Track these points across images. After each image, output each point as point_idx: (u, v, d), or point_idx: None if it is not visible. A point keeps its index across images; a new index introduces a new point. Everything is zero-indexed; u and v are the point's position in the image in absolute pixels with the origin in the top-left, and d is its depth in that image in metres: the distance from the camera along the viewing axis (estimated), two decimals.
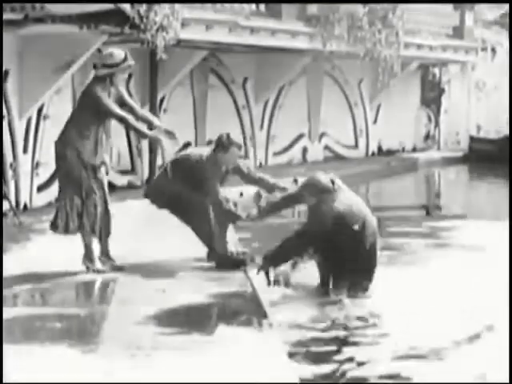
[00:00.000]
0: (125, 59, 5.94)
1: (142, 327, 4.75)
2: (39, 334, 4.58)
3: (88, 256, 6.04)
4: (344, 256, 5.40)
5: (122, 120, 5.96)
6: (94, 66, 6.04)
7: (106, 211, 6.02)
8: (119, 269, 6.05)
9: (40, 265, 6.22)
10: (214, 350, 4.31)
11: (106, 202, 6.02)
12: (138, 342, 4.44)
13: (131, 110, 6.05)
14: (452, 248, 7.75)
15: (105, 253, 6.09)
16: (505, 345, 4.48)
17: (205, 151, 6.38)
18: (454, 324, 5.10)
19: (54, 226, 6.08)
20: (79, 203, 5.94)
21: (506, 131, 17.32)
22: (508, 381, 4.04)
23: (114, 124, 6.17)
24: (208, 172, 6.19)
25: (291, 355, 4.38)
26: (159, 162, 11.46)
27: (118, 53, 5.97)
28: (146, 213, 8.96)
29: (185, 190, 6.22)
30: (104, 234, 6.02)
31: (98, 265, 6.03)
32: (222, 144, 6.26)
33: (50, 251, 6.73)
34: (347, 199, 5.50)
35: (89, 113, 5.91)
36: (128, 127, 6.17)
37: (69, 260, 6.34)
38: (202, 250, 6.49)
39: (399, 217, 9.57)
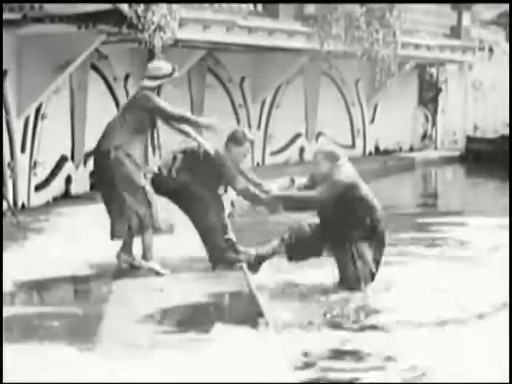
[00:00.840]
0: (172, 72, 6.41)
1: (139, 326, 4.77)
2: (37, 333, 4.59)
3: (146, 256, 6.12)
4: (357, 223, 5.65)
5: (183, 118, 6.33)
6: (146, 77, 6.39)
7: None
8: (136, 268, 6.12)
9: (38, 264, 6.24)
10: (210, 349, 4.34)
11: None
12: (135, 341, 4.47)
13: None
14: (447, 244, 7.84)
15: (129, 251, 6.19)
16: None
17: (212, 145, 6.51)
18: None
19: (120, 232, 6.08)
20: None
21: (503, 131, 17.38)
22: (508, 381, 4.06)
23: None
24: (227, 162, 6.29)
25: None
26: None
27: (166, 66, 6.41)
28: None
29: (194, 181, 6.26)
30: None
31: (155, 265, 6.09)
32: (237, 138, 6.39)
33: (47, 250, 6.75)
34: (351, 170, 5.85)
35: (143, 117, 6.16)
36: (190, 124, 6.42)
37: (67, 259, 6.37)
38: (199, 250, 6.52)
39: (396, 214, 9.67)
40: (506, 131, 17.45)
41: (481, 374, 4.25)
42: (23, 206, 8.85)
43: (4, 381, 3.76)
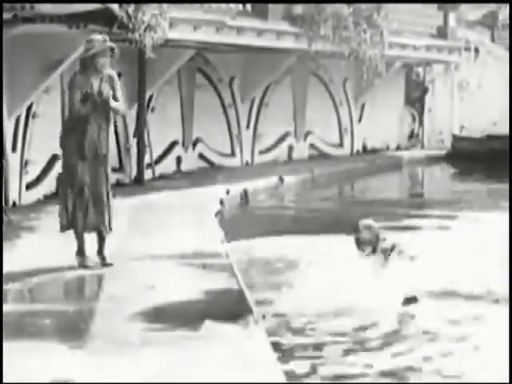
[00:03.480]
0: (104, 40, 6.02)
1: (130, 323, 4.82)
2: (28, 331, 4.62)
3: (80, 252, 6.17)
4: None
5: None
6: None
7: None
8: (107, 266, 6.15)
9: (29, 262, 6.29)
10: (200, 346, 4.41)
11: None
12: (126, 338, 4.51)
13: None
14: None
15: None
16: None
17: None
18: None
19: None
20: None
21: (489, 130, 17.58)
22: (508, 381, 4.13)
23: None
24: None
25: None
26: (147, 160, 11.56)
27: (97, 36, 6.07)
28: (135, 211, 9.07)
29: None
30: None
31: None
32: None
33: (39, 248, 6.80)
34: None
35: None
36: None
37: (58, 257, 6.42)
38: (188, 247, 6.60)
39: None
40: (492, 130, 17.66)
41: None
42: (14, 204, 8.90)
43: (4, 381, 3.81)
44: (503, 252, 6.84)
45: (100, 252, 6.19)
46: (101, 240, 6.17)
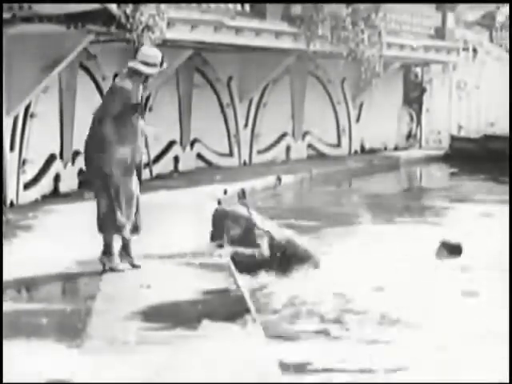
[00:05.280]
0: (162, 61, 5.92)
1: (127, 323, 4.84)
2: (25, 330, 4.63)
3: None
4: None
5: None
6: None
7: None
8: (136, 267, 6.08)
9: (26, 261, 6.30)
10: (198, 345, 4.42)
11: None
12: (123, 337, 4.53)
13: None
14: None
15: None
16: None
17: None
18: None
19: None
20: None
21: (486, 130, 17.61)
22: (508, 381, 4.16)
23: None
24: None
25: None
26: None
27: (159, 54, 5.95)
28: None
29: None
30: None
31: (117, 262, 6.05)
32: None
33: (36, 248, 6.81)
34: None
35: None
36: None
37: (55, 256, 6.43)
38: (186, 247, 6.61)
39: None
40: (489, 130, 17.68)
41: None
42: (12, 203, 8.91)
43: (4, 381, 3.82)
44: None
45: (129, 253, 6.07)
46: (127, 241, 6.04)
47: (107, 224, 5.91)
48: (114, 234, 5.96)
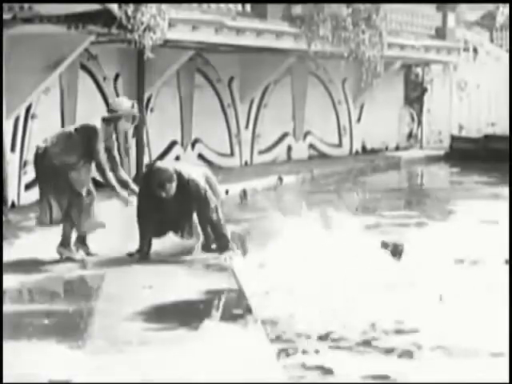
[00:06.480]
0: (131, 108, 6.50)
1: (129, 323, 4.84)
2: (27, 331, 4.64)
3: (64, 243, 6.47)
4: None
5: (100, 168, 6.43)
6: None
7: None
8: (91, 255, 6.43)
9: (27, 262, 6.31)
10: (199, 345, 4.43)
11: None
12: (125, 338, 4.54)
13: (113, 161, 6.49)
14: None
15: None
16: None
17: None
18: None
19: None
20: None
21: (487, 130, 17.62)
22: (508, 381, 4.15)
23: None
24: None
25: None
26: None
27: (127, 103, 6.55)
28: (133, 211, 9.06)
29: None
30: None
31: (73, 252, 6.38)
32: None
33: (37, 248, 6.82)
34: None
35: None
36: (103, 177, 6.49)
37: (56, 256, 6.44)
38: (187, 246, 6.61)
39: None
40: (490, 131, 17.68)
41: None
42: (13, 204, 8.92)
43: (4, 381, 3.82)
44: None
45: (84, 243, 6.56)
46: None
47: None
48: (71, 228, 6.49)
